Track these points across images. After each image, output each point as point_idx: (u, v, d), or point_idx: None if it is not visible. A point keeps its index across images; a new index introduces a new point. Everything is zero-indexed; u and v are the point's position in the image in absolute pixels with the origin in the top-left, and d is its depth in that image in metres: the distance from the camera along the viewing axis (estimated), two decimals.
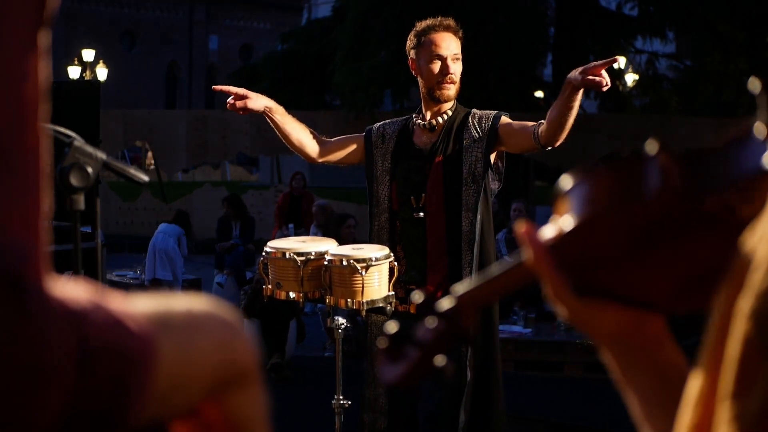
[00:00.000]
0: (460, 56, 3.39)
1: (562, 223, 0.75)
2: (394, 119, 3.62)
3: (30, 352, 0.72)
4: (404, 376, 0.89)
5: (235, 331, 0.91)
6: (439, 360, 0.88)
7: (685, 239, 0.70)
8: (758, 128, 0.67)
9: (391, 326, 0.92)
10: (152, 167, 19.79)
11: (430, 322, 0.90)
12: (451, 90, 3.38)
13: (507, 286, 0.88)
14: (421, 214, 3.36)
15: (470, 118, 3.39)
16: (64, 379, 0.73)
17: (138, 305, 0.84)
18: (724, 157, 0.69)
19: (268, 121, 3.44)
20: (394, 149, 3.46)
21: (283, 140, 3.52)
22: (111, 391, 0.76)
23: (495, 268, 0.86)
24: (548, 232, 0.77)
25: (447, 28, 3.39)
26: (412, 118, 3.51)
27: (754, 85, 0.66)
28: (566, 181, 0.76)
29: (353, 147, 3.58)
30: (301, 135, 3.51)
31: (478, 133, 3.34)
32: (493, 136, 3.32)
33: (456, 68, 3.37)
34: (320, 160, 3.56)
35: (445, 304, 0.90)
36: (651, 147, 0.71)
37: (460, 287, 0.90)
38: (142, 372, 0.78)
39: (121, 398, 0.77)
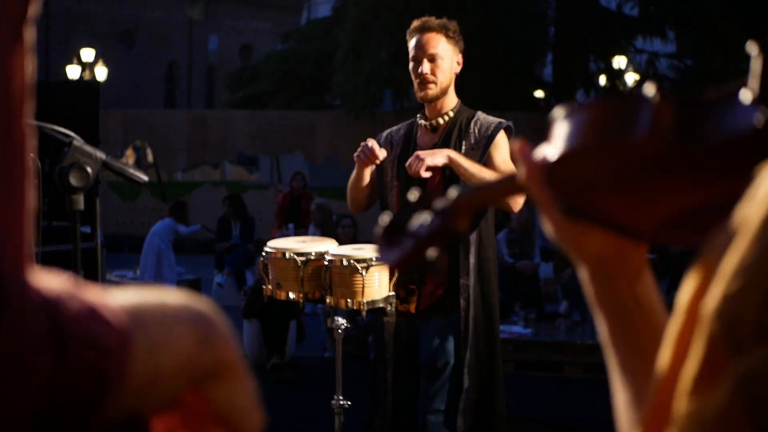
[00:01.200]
0: (439, 55, 3.32)
1: (553, 147, 0.78)
2: (400, 125, 3.59)
3: (7, 344, 0.72)
4: (398, 261, 0.95)
5: (211, 324, 0.91)
6: (432, 253, 0.93)
7: (670, 182, 0.72)
8: (744, 93, 0.69)
9: (385, 218, 0.98)
10: (150, 166, 19.81)
11: (426, 218, 0.95)
12: (431, 90, 3.34)
13: (500, 195, 0.94)
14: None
15: (472, 123, 3.36)
16: (40, 368, 0.73)
17: (112, 297, 0.84)
18: (716, 112, 0.71)
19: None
20: (400, 153, 3.46)
21: (357, 190, 3.59)
22: (88, 381, 0.76)
23: (492, 178, 0.90)
24: (541, 153, 0.80)
25: (424, 30, 3.35)
26: (417, 120, 3.50)
27: (752, 48, 0.67)
28: (560, 110, 0.79)
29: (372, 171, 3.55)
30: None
31: (476, 140, 3.32)
32: (486, 147, 3.30)
33: (430, 68, 3.32)
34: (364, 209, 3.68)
35: (441, 203, 0.95)
36: (649, 89, 0.73)
37: (456, 190, 0.94)
38: (118, 362, 0.78)
39: (99, 389, 0.77)
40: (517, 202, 3.14)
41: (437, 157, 3.14)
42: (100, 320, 0.78)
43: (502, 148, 3.30)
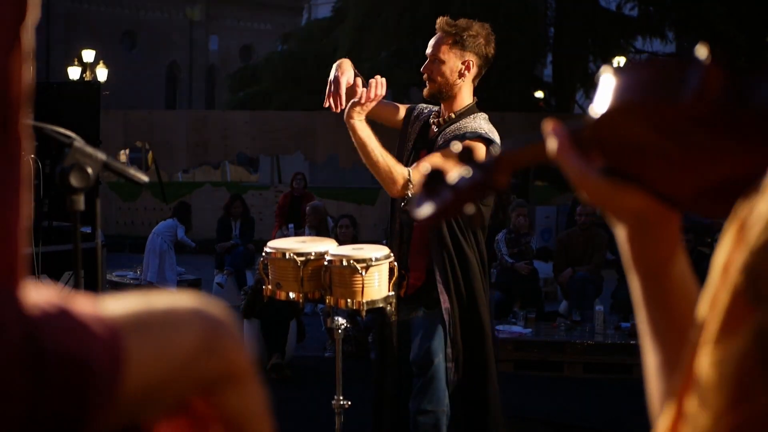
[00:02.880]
0: (438, 57, 3.34)
1: (598, 105, 0.77)
2: (433, 107, 3.57)
3: None
4: (434, 215, 0.94)
5: (223, 329, 0.90)
6: (469, 208, 0.93)
7: (713, 146, 0.71)
8: None
9: (426, 167, 0.97)
10: (152, 167, 19.82)
11: (466, 172, 0.93)
12: (427, 88, 3.38)
13: (540, 157, 0.91)
14: (403, 204, 3.38)
15: (458, 124, 3.36)
16: (17, 389, 0.72)
17: (112, 306, 0.82)
18: (766, 79, 0.70)
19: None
20: (417, 135, 3.48)
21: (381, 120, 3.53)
22: (69, 401, 0.75)
23: (534, 139, 0.89)
24: (571, 126, 0.81)
25: (436, 29, 3.39)
26: (434, 112, 3.53)
27: None
28: (608, 69, 0.78)
29: (399, 113, 3.61)
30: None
31: (450, 135, 3.34)
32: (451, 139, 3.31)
33: (426, 67, 3.36)
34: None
35: (483, 158, 0.94)
36: (701, 51, 0.72)
37: (499, 147, 0.94)
38: (106, 381, 0.77)
39: (81, 409, 0.75)
40: None
41: (351, 110, 3.09)
42: (89, 338, 0.76)
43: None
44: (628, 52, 18.89)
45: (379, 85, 3.13)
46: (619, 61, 18.25)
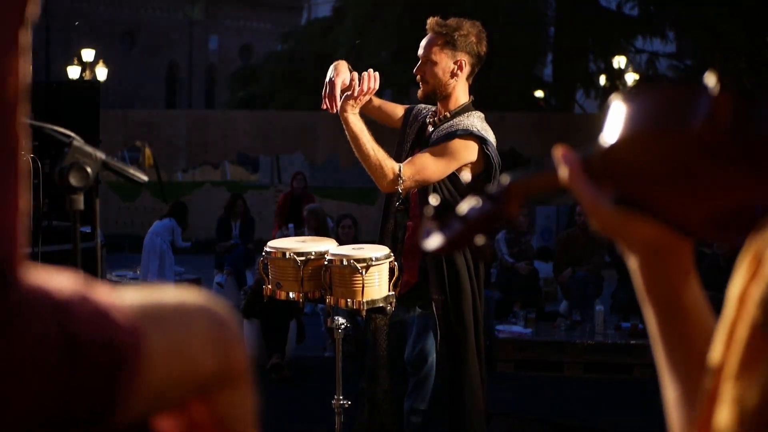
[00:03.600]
0: (429, 58, 3.33)
1: (608, 133, 0.77)
2: (431, 108, 3.57)
3: (17, 346, 0.71)
4: (445, 246, 0.93)
5: (229, 329, 0.90)
6: (480, 239, 0.92)
7: (724, 174, 0.71)
8: None
9: (435, 198, 0.96)
10: (151, 166, 19.81)
11: (476, 202, 0.92)
12: (420, 89, 3.39)
13: (549, 186, 0.91)
14: (398, 204, 3.39)
15: (450, 122, 3.36)
16: (52, 372, 0.73)
17: (126, 297, 0.83)
18: None
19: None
20: (415, 135, 3.48)
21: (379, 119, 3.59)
22: (100, 384, 0.76)
23: (546, 169, 0.89)
24: (582, 153, 0.81)
25: (428, 30, 3.38)
26: (430, 112, 3.53)
27: None
28: (617, 96, 0.78)
29: (397, 113, 3.63)
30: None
31: (437, 138, 3.34)
32: (442, 138, 3.31)
33: (418, 69, 3.36)
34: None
35: (493, 188, 0.93)
36: (709, 78, 0.71)
37: (508, 176, 0.93)
38: (130, 365, 0.78)
39: (111, 392, 0.76)
40: None
41: (345, 103, 3.13)
42: (112, 324, 0.77)
43: (448, 145, 3.24)
44: (628, 51, 18.90)
45: (372, 78, 3.16)
46: (620, 60, 18.28)
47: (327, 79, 3.19)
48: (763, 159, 0.69)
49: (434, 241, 0.93)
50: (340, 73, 3.20)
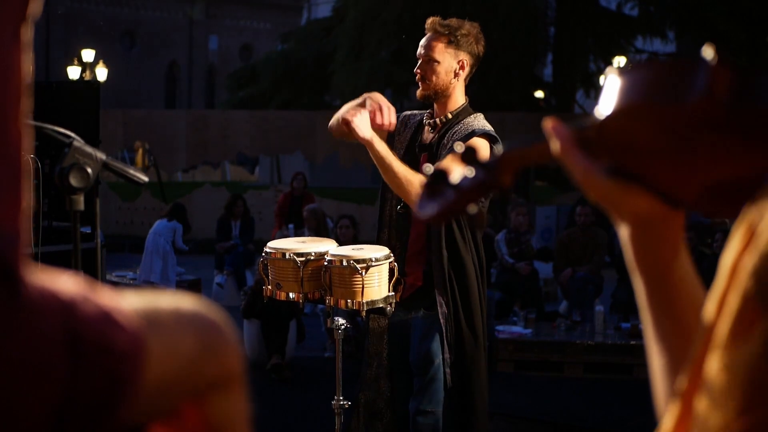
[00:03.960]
0: (432, 58, 3.33)
1: (604, 105, 0.77)
2: (418, 111, 3.58)
3: (23, 345, 0.72)
4: (438, 215, 0.93)
5: (223, 334, 0.91)
6: (472, 207, 0.92)
7: (719, 146, 0.71)
8: None
9: (429, 168, 0.96)
10: (149, 166, 19.81)
11: (470, 171, 0.93)
12: (421, 90, 3.37)
13: (543, 157, 0.91)
14: (399, 207, 3.38)
15: (461, 124, 3.35)
16: (56, 372, 0.73)
17: (126, 301, 0.83)
18: None
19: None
20: (408, 142, 3.48)
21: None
22: (103, 384, 0.76)
23: (538, 141, 0.89)
24: (573, 126, 0.81)
25: (428, 30, 3.38)
26: (425, 114, 3.51)
27: None
28: (614, 70, 0.78)
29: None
30: None
31: (455, 137, 3.33)
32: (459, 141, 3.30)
33: (420, 69, 3.35)
34: None
35: (487, 158, 0.94)
36: (707, 52, 0.71)
37: (502, 147, 0.93)
38: (132, 367, 0.78)
39: (114, 392, 0.77)
40: None
41: (362, 130, 3.11)
42: (115, 325, 0.77)
43: (475, 144, 3.25)
44: (628, 51, 18.90)
45: (393, 114, 3.23)
46: (620, 60, 18.27)
47: (372, 106, 3.20)
48: (759, 131, 0.69)
49: (428, 210, 0.94)
50: (383, 101, 3.24)
